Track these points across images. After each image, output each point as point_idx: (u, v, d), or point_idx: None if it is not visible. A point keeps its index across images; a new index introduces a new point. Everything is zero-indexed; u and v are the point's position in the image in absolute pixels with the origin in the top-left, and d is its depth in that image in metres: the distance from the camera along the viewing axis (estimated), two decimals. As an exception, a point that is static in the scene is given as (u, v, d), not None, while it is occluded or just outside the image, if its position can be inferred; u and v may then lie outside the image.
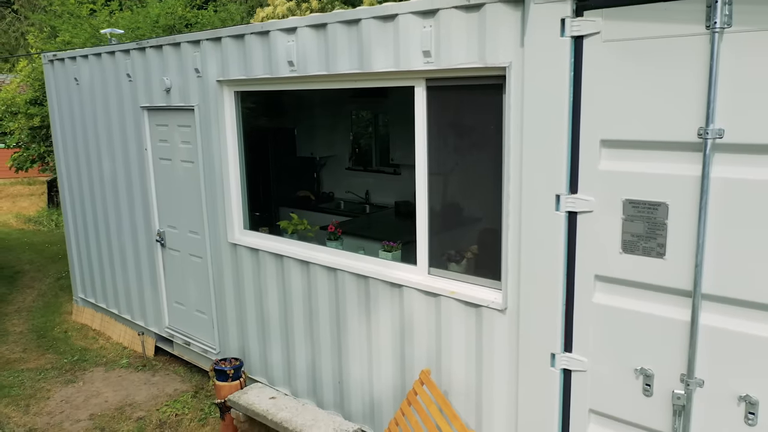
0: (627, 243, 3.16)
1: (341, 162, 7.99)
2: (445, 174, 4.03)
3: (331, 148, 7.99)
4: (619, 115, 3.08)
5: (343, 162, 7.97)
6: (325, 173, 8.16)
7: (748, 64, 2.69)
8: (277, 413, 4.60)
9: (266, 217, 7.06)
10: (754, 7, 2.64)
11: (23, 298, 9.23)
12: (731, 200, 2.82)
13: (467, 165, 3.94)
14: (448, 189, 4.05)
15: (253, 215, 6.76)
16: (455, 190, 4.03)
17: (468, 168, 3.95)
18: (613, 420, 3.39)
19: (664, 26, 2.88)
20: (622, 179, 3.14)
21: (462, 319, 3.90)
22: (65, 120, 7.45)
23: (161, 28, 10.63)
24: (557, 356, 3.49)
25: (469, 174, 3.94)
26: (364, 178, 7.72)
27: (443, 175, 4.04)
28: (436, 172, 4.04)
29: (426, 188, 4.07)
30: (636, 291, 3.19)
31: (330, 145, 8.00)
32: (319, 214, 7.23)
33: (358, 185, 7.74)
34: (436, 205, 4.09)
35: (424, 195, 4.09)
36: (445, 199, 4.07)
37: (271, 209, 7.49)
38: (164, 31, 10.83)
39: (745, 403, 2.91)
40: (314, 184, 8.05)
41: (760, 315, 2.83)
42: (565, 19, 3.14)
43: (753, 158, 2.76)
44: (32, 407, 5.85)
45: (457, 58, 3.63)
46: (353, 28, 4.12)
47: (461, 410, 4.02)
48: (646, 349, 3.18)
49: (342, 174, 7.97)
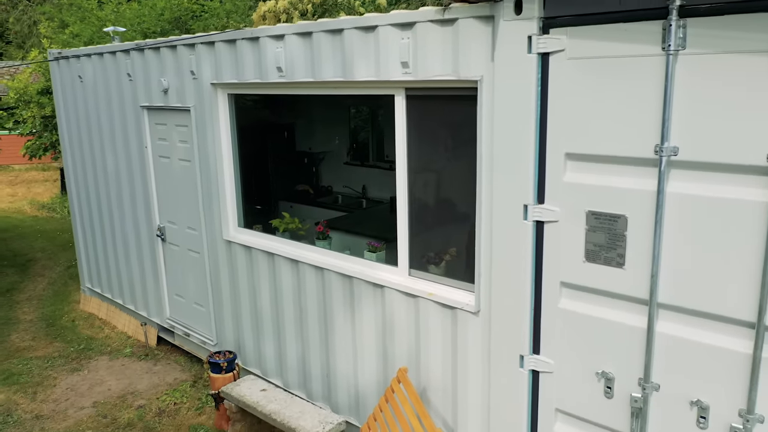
0: (590, 252, 3.30)
1: (339, 157, 8.13)
2: (424, 180, 4.17)
3: (329, 143, 8.13)
4: (583, 129, 3.20)
5: (341, 156, 8.11)
6: (324, 167, 8.31)
7: (701, 86, 2.79)
8: (266, 405, 4.82)
9: (266, 210, 7.24)
10: (707, 31, 2.74)
11: (34, 287, 9.53)
12: (685, 215, 2.94)
13: (445, 172, 4.08)
14: (427, 194, 4.20)
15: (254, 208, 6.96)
16: (434, 195, 4.17)
17: (445, 174, 4.08)
18: (577, 419, 3.55)
19: (624, 46, 2.99)
20: (585, 191, 3.26)
21: (439, 319, 4.07)
22: (71, 115, 7.66)
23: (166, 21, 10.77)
24: (526, 358, 3.65)
25: (447, 180, 4.08)
26: (362, 172, 7.86)
27: (422, 181, 4.18)
28: (415, 178, 4.18)
29: (406, 193, 4.22)
30: (598, 298, 3.33)
31: (328, 140, 8.14)
32: (317, 209, 7.40)
33: (356, 180, 7.89)
34: (416, 209, 4.23)
35: (405, 199, 4.23)
36: (424, 203, 4.21)
37: (270, 203, 7.67)
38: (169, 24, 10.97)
39: (697, 408, 3.06)
40: (313, 178, 8.21)
41: (711, 324, 2.96)
42: (531, 36, 3.25)
43: (705, 175, 2.88)
44: (39, 394, 6.13)
45: (433, 69, 3.75)
46: (337, 38, 4.25)
47: (439, 406, 4.21)
48: (608, 353, 3.33)
49: (340, 168, 8.11)
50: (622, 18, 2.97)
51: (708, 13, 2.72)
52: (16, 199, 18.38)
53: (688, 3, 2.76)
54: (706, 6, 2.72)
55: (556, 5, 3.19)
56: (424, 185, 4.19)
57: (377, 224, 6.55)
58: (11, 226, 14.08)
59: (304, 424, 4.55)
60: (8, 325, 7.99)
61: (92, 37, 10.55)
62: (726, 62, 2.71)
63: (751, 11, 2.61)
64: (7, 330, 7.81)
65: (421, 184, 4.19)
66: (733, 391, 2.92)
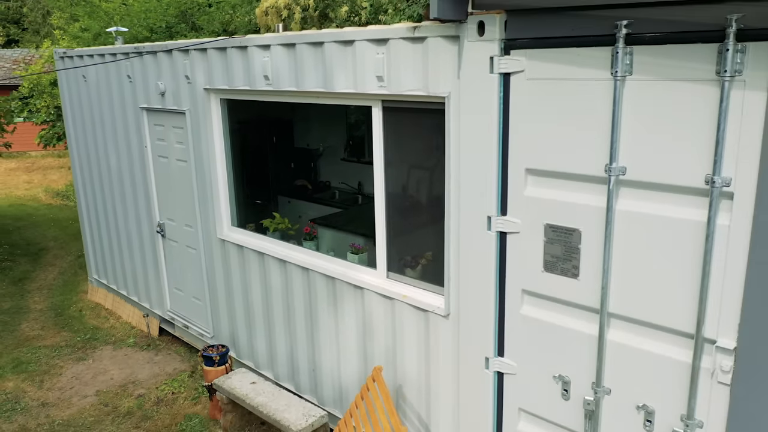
0: (548, 263, 3.47)
1: (337, 153, 8.31)
2: (401, 187, 4.35)
3: (326, 140, 8.31)
4: (541, 147, 3.36)
5: (338, 153, 8.29)
6: (322, 163, 8.50)
7: (646, 110, 2.94)
8: (255, 397, 5.07)
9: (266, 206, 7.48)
10: (651, 59, 2.88)
11: (45, 276, 9.89)
12: (633, 231, 3.10)
13: (419, 180, 4.26)
14: (403, 200, 4.38)
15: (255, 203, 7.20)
16: (410, 201, 4.36)
17: (420, 183, 4.26)
18: (538, 419, 3.75)
19: (578, 70, 3.13)
20: (544, 205, 3.43)
21: (413, 321, 4.27)
22: (76, 113, 7.92)
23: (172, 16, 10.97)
24: (491, 360, 3.85)
25: (421, 188, 4.26)
26: (358, 169, 8.04)
27: (399, 189, 4.36)
28: (392, 186, 4.37)
29: (383, 200, 4.41)
30: (556, 306, 3.51)
31: (326, 137, 8.31)
32: (314, 205, 7.61)
33: (353, 176, 8.07)
34: (393, 215, 4.42)
35: (382, 205, 4.42)
36: (400, 209, 4.40)
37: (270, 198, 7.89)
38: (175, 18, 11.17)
39: (644, 412, 3.24)
40: (311, 174, 8.41)
41: (656, 334, 3.14)
42: (493, 57, 3.41)
43: (651, 194, 3.03)
44: (46, 382, 6.46)
45: (405, 84, 3.92)
46: (318, 50, 4.42)
47: (414, 402, 4.43)
48: (564, 358, 3.52)
49: (338, 164, 8.30)
50: (575, 43, 3.11)
51: (651, 42, 2.86)
52: (32, 186, 18.80)
53: (634, 32, 2.90)
54: (650, 35, 2.86)
55: (516, 28, 3.34)
56: (400, 192, 4.37)
57: (370, 222, 6.74)
58: (26, 214, 14.49)
59: (288, 416, 4.80)
60: (19, 314, 8.35)
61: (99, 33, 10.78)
62: (668, 89, 2.86)
63: (688, 42, 2.74)
64: (18, 319, 8.16)
65: (398, 191, 4.37)
66: (675, 397, 3.10)
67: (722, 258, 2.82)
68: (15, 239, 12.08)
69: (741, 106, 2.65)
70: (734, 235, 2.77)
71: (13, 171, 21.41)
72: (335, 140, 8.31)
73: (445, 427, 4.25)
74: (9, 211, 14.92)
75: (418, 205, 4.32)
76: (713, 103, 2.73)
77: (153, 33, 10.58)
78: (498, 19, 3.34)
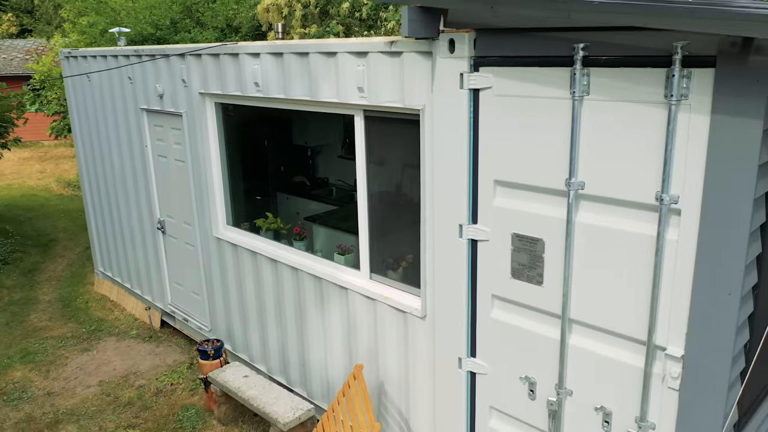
0: (515, 270, 3.64)
1: (335, 150, 8.49)
2: (382, 192, 4.53)
3: (324, 137, 8.48)
4: (508, 159, 3.52)
5: (336, 150, 8.46)
6: (320, 160, 8.68)
7: (602, 129, 3.09)
8: (246, 391, 5.31)
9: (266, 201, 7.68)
10: (607, 80, 3.02)
11: (54, 267, 10.20)
12: (591, 242, 3.26)
13: (399, 186, 4.43)
14: (384, 205, 4.56)
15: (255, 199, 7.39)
16: (391, 207, 4.53)
17: (400, 189, 4.43)
18: (508, 416, 3.94)
19: (541, 88, 3.28)
20: (511, 215, 3.59)
21: (393, 321, 4.47)
22: (81, 111, 8.16)
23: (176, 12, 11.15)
24: (463, 360, 4.04)
25: (401, 194, 4.43)
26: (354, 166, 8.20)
27: (381, 194, 4.54)
28: (374, 191, 4.55)
29: (366, 204, 4.59)
30: (523, 310, 3.69)
31: (324, 134, 8.48)
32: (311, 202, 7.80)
33: (350, 173, 8.22)
34: (375, 219, 4.60)
35: (365, 210, 4.60)
36: (382, 214, 4.58)
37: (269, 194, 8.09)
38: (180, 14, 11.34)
39: (602, 413, 3.42)
40: (309, 171, 8.59)
41: (612, 340, 3.31)
42: (463, 73, 3.56)
43: (607, 208, 3.19)
44: (52, 372, 6.74)
45: (384, 96, 4.08)
46: (304, 60, 4.59)
47: (395, 398, 4.63)
48: (531, 360, 3.69)
49: (335, 162, 8.47)
50: (538, 63, 3.26)
51: (607, 64, 3.00)
52: (44, 176, 19.17)
53: (591, 54, 3.04)
54: (605, 58, 3.00)
55: (484, 46, 3.48)
56: (382, 197, 4.55)
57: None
58: (38, 205, 14.83)
59: (277, 409, 5.03)
60: (29, 305, 8.65)
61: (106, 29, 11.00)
62: (622, 109, 3.00)
63: (640, 65, 2.89)
64: (27, 310, 8.47)
65: (380, 196, 4.55)
66: (630, 400, 3.28)
67: (671, 270, 2.98)
68: (26, 230, 12.41)
69: (687, 129, 2.79)
70: (682, 250, 2.92)
71: (27, 160, 21.81)
72: (333, 138, 8.48)
73: (424, 421, 4.46)
74: (21, 201, 15.27)
75: (398, 209, 4.49)
76: (662, 124, 2.87)
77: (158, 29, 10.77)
78: (467, 37, 3.49)
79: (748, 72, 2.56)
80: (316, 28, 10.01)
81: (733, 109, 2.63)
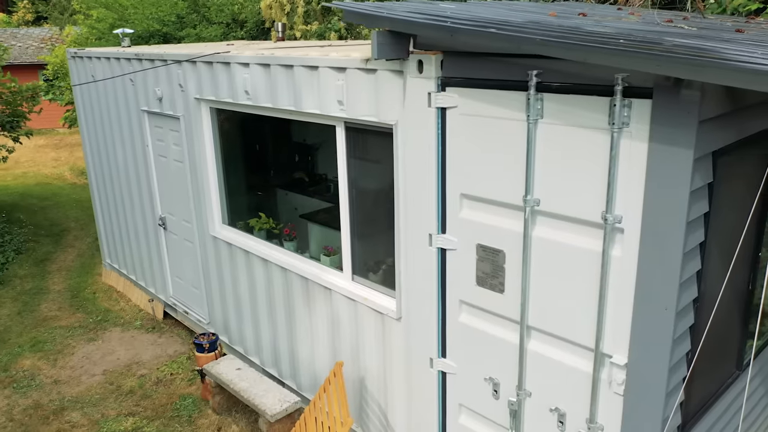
0: (480, 278, 3.87)
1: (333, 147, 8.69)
2: (363, 199, 4.76)
3: (323, 135, 8.68)
4: (472, 175, 3.73)
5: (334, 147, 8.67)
6: (320, 157, 8.91)
7: (554, 150, 3.29)
8: (238, 383, 5.61)
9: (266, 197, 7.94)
10: (559, 106, 3.21)
11: (65, 257, 10.58)
12: (546, 255, 3.47)
13: (378, 193, 4.65)
14: (365, 211, 4.79)
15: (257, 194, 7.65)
16: (371, 214, 4.76)
17: (378, 195, 4.65)
18: (476, 414, 4.19)
19: (500, 110, 3.48)
20: (476, 227, 3.81)
21: (372, 322, 4.72)
22: (87, 109, 8.45)
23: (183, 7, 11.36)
24: (434, 360, 4.28)
25: (380, 201, 4.66)
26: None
27: (361, 200, 4.77)
28: (355, 197, 4.78)
29: (347, 210, 4.82)
30: (487, 316, 3.92)
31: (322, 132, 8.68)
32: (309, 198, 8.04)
33: (347, 170, 8.45)
34: (356, 225, 4.84)
35: (347, 216, 4.84)
36: (363, 219, 4.81)
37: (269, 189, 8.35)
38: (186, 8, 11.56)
39: (557, 414, 3.65)
40: (308, 167, 8.83)
41: (564, 346, 3.53)
42: (431, 93, 3.76)
43: (560, 224, 3.39)
44: (59, 361, 7.10)
45: (361, 110, 4.30)
46: (289, 71, 4.80)
47: (375, 393, 4.90)
48: (494, 362, 3.93)
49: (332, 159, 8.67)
50: (498, 86, 3.46)
51: (558, 90, 3.19)
52: (59, 164, 19.58)
53: (544, 81, 3.23)
54: (556, 84, 3.19)
55: (450, 68, 3.68)
56: (362, 204, 4.78)
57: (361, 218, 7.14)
58: (51, 194, 15.24)
59: (266, 401, 5.33)
60: (40, 294, 9.03)
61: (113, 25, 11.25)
62: (573, 133, 3.19)
63: (587, 93, 3.07)
64: (38, 300, 8.85)
65: (360, 202, 4.78)
66: (581, 402, 3.50)
67: (615, 285, 3.19)
68: (39, 219, 12.81)
69: (629, 154, 2.98)
70: (625, 266, 3.13)
71: (42, 148, 22.24)
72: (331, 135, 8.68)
73: (400, 415, 4.72)
74: (35, 190, 15.70)
75: (377, 215, 4.72)
76: (607, 149, 3.06)
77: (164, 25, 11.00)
78: (434, 59, 3.69)
79: (681, 105, 2.74)
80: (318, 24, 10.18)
81: (668, 138, 2.81)
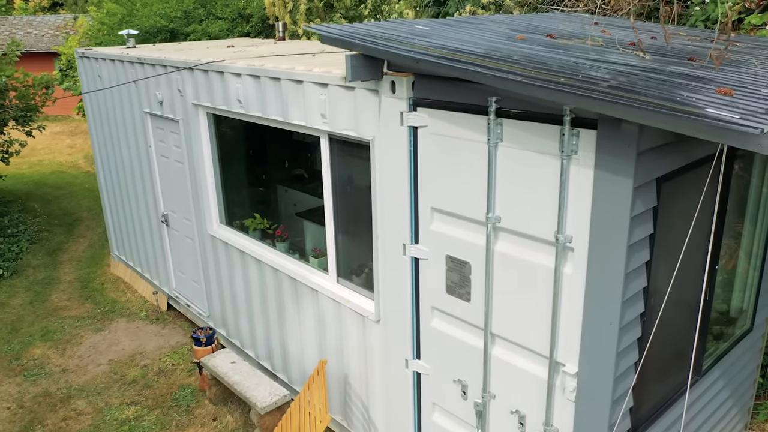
0: (449, 287, 4.11)
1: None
2: (346, 206, 5.00)
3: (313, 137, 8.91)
4: (442, 190, 3.95)
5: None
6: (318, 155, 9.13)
7: (513, 173, 3.50)
8: (232, 376, 5.92)
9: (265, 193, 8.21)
10: (517, 131, 3.42)
11: (76, 247, 10.96)
12: (506, 268, 3.70)
13: (360, 201, 4.89)
14: (348, 218, 5.03)
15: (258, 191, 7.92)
16: (353, 219, 5.00)
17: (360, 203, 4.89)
18: (447, 413, 4.45)
19: (465, 131, 3.69)
20: (445, 239, 4.04)
21: (354, 323, 4.98)
22: (94, 108, 8.75)
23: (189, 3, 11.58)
24: (410, 361, 4.54)
25: (361, 208, 4.89)
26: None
27: (345, 208, 5.01)
28: (339, 204, 5.02)
29: (332, 216, 5.07)
30: (455, 322, 4.16)
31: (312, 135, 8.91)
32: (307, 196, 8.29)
33: (344, 167, 8.70)
34: (341, 230, 5.09)
35: (331, 221, 5.08)
36: (346, 225, 5.05)
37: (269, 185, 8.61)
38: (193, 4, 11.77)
39: (518, 416, 3.90)
40: (307, 164, 9.07)
41: (523, 353, 3.76)
42: (403, 112, 3.98)
43: (519, 240, 3.61)
44: (67, 351, 7.48)
45: (342, 125, 4.52)
46: (277, 84, 5.03)
47: (358, 389, 5.18)
48: (463, 365, 4.18)
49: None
50: (462, 109, 3.66)
51: (515, 116, 3.40)
52: (74, 152, 20.00)
53: (503, 107, 3.43)
54: (514, 111, 3.40)
55: (421, 89, 3.89)
56: (346, 210, 5.02)
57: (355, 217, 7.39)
58: (65, 183, 15.66)
59: (257, 394, 5.64)
60: (51, 284, 9.43)
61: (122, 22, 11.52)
62: (529, 157, 3.40)
63: (540, 121, 3.28)
64: (49, 290, 9.24)
65: (343, 209, 5.02)
66: (539, 406, 3.75)
67: (567, 299, 3.41)
68: (53, 209, 13.22)
69: (577, 179, 3.19)
70: (575, 282, 3.34)
71: (58, 135, 22.69)
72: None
73: (380, 411, 5.00)
74: (50, 178, 16.13)
75: (359, 222, 4.96)
76: (558, 173, 3.27)
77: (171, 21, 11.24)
78: (406, 80, 3.90)
79: (621, 137, 2.94)
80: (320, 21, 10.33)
81: (610, 167, 3.01)
